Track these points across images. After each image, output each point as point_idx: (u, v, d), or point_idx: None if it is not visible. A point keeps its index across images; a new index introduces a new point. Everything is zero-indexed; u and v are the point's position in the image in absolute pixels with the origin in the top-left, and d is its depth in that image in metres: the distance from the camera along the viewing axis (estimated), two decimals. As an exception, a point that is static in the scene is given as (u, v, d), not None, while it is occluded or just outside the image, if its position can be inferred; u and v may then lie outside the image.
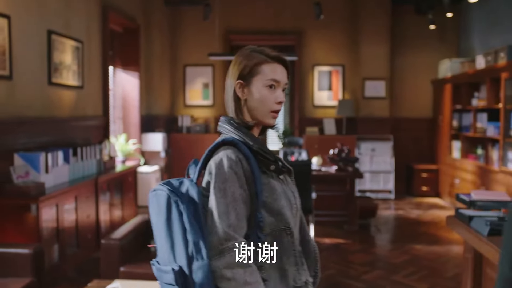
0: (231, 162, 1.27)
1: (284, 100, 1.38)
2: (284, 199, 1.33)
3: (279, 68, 1.37)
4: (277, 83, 1.36)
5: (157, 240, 1.30)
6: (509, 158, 5.14)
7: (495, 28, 6.49)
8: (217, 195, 1.24)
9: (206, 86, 8.01)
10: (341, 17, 7.85)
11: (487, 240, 2.41)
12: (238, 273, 1.19)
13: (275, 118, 1.39)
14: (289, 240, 1.32)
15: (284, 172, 1.39)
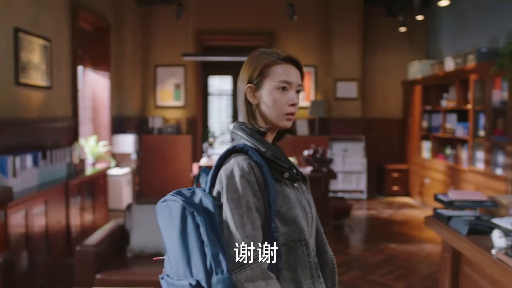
0: (243, 170, 1.21)
1: (297, 101, 1.31)
2: (299, 208, 1.28)
3: (291, 69, 1.31)
4: (289, 84, 1.30)
5: (170, 253, 1.24)
6: (477, 158, 5.27)
7: (462, 32, 6.65)
8: (231, 206, 1.19)
9: (178, 87, 7.90)
10: (314, 18, 7.89)
11: (466, 239, 2.44)
12: (260, 286, 1.14)
13: (290, 121, 1.32)
14: (304, 251, 1.26)
15: (298, 180, 1.33)
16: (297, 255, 1.25)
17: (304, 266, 1.26)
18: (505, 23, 5.48)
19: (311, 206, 1.35)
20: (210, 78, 8.32)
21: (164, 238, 1.26)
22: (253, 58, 1.33)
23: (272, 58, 1.30)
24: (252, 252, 1.16)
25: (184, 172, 7.48)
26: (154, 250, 3.24)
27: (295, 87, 1.31)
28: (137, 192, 7.19)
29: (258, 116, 1.32)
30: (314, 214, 1.35)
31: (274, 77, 1.29)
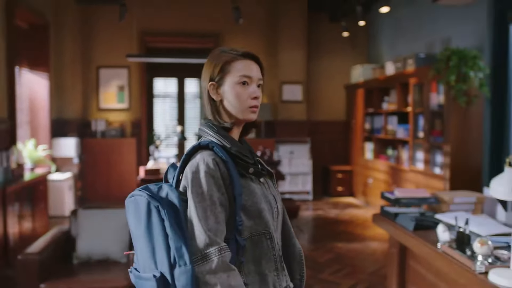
0: (208, 166, 1.24)
1: (259, 95, 1.34)
2: (264, 202, 1.31)
3: (251, 64, 1.35)
4: (250, 78, 1.33)
5: (137, 247, 1.26)
6: (417, 158, 5.53)
7: (401, 37, 6.96)
8: (195, 200, 1.22)
9: (122, 88, 7.69)
10: (260, 22, 7.96)
11: (413, 235, 2.55)
12: (221, 278, 1.17)
13: (255, 113, 1.35)
14: (268, 245, 1.30)
15: (263, 175, 1.37)
16: (262, 248, 1.28)
17: (269, 259, 1.30)
18: (440, 30, 5.79)
19: (277, 201, 1.38)
20: (155, 80, 8.16)
21: (132, 232, 1.28)
22: (213, 56, 1.37)
23: (231, 54, 1.34)
24: (214, 245, 1.18)
25: (129, 175, 7.29)
26: (103, 256, 3.13)
27: (256, 81, 1.35)
28: (79, 198, 6.92)
29: (222, 112, 1.35)
30: (279, 209, 1.38)
31: (235, 72, 1.32)
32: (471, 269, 1.97)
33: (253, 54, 1.36)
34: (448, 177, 4.79)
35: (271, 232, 1.31)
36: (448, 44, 5.51)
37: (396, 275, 2.95)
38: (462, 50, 4.59)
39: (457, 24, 5.43)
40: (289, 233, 1.44)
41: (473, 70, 4.53)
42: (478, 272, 1.93)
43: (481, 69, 4.55)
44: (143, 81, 7.76)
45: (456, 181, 4.74)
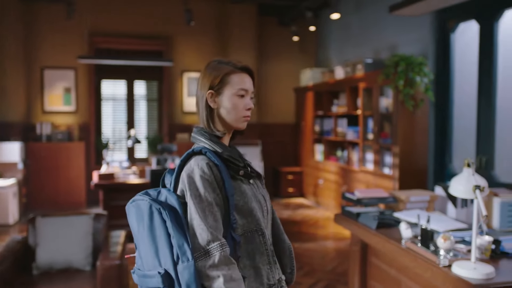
0: (202, 170, 1.35)
1: (252, 106, 1.47)
2: (254, 202, 1.42)
3: (246, 77, 1.46)
4: (246, 91, 1.45)
5: (140, 248, 1.36)
6: (367, 159, 5.77)
7: (349, 43, 7.23)
8: (194, 202, 1.32)
9: (68, 91, 7.44)
10: (210, 25, 7.98)
11: (376, 233, 2.68)
12: (223, 271, 1.27)
13: (246, 122, 1.47)
14: (261, 240, 1.41)
15: (253, 176, 1.48)
16: (255, 244, 1.39)
17: (262, 253, 1.41)
18: (386, 37, 6.09)
19: (266, 200, 1.50)
20: (103, 82, 7.95)
21: (135, 235, 1.38)
22: (212, 67, 1.47)
23: (230, 67, 1.45)
24: (216, 241, 1.28)
25: (78, 181, 7.06)
26: (65, 265, 3.04)
27: (250, 94, 1.48)
28: (24, 205, 6.61)
29: (216, 119, 1.46)
30: (269, 207, 1.51)
31: (233, 84, 1.44)
32: (436, 263, 2.11)
33: (249, 68, 1.48)
34: (397, 177, 5.04)
35: (263, 229, 1.42)
36: (394, 51, 5.81)
37: (358, 272, 3.08)
38: (409, 57, 4.86)
39: (403, 32, 5.73)
40: (278, 230, 1.56)
41: (419, 76, 4.81)
42: (442, 266, 2.08)
43: (426, 75, 4.84)
44: (91, 83, 7.54)
45: (405, 180, 5.01)
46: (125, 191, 5.22)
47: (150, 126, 8.23)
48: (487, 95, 4.44)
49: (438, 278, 2.08)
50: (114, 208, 5.19)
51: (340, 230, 5.77)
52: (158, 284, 1.29)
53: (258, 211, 1.41)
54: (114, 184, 5.13)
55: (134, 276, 1.38)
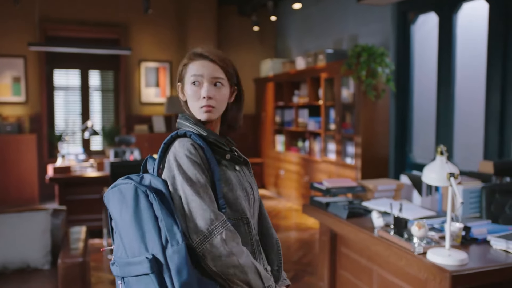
0: (189, 151, 1.29)
1: (209, 94, 1.34)
2: (240, 189, 1.35)
3: (204, 63, 1.37)
4: (201, 77, 1.36)
5: (124, 235, 1.25)
6: (329, 149, 5.80)
7: (309, 33, 7.24)
8: (187, 184, 1.25)
9: (17, 80, 7.04)
10: (169, 13, 7.77)
11: (347, 223, 2.68)
12: (233, 246, 1.23)
13: (208, 113, 1.36)
14: (246, 230, 1.35)
15: (240, 162, 1.41)
16: (240, 233, 1.31)
17: (246, 243, 1.34)
18: (347, 27, 6.12)
19: (253, 188, 1.43)
20: (56, 71, 7.59)
21: (116, 222, 1.28)
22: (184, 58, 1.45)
23: (188, 56, 1.40)
24: (219, 218, 1.23)
25: (30, 175, 6.72)
26: (21, 264, 2.85)
27: (209, 80, 1.36)
28: (-29, 201, 6.22)
29: (188, 110, 1.42)
30: (256, 196, 1.45)
31: (188, 73, 1.38)
32: (410, 251, 2.12)
33: (204, 53, 1.37)
34: (359, 167, 5.10)
35: (248, 218, 1.36)
36: (355, 41, 5.85)
37: (327, 262, 3.07)
38: (371, 47, 4.90)
39: (364, 23, 5.78)
40: (266, 222, 1.51)
41: (380, 66, 4.86)
42: (417, 253, 2.09)
43: (388, 65, 4.90)
44: (43, 72, 7.17)
45: (367, 170, 5.07)
46: (83, 184, 5.00)
47: (106, 117, 7.95)
48: (446, 86, 4.55)
49: (413, 265, 2.09)
50: (71, 202, 4.97)
51: (303, 220, 5.79)
52: (145, 270, 1.20)
53: (244, 199, 1.35)
54: (70, 178, 4.89)
55: (113, 268, 1.28)
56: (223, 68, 1.37)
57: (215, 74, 1.36)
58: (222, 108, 1.38)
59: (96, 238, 4.93)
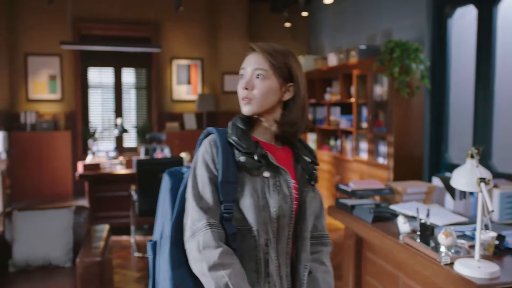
0: (205, 148, 1.30)
1: (246, 85, 1.29)
2: (255, 198, 1.24)
3: (251, 55, 1.33)
4: (244, 69, 1.33)
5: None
6: (361, 148, 5.63)
7: (342, 29, 7.05)
8: (190, 182, 1.28)
9: (53, 78, 7.20)
10: (200, 10, 7.76)
11: (372, 227, 2.55)
12: (207, 254, 1.18)
13: (246, 105, 1.30)
14: (252, 243, 1.24)
15: (259, 167, 1.27)
16: (245, 244, 1.25)
17: (250, 258, 1.24)
18: (381, 22, 5.92)
19: (285, 202, 1.28)
20: (90, 69, 7.73)
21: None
22: None
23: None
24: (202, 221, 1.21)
25: (64, 171, 6.87)
26: (44, 261, 2.87)
27: (252, 71, 1.30)
28: (9, 196, 6.41)
29: None
30: (287, 213, 1.29)
31: None
32: (436, 261, 1.98)
33: (252, 46, 1.34)
34: (392, 167, 4.91)
35: (254, 230, 1.24)
36: (389, 37, 5.65)
37: (353, 267, 2.95)
38: (404, 43, 4.70)
39: (397, 18, 5.56)
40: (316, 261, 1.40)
41: (415, 62, 4.65)
42: (444, 264, 1.95)
43: (422, 62, 4.68)
44: (77, 70, 7.31)
45: (400, 170, 4.88)
46: (112, 181, 5.05)
47: (140, 114, 8.03)
48: (485, 82, 4.30)
49: (439, 276, 1.95)
50: (101, 199, 5.02)
51: (334, 220, 5.64)
52: (148, 252, 1.32)
53: (256, 210, 1.23)
54: (99, 175, 4.95)
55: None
56: (269, 60, 1.29)
57: (258, 65, 1.29)
58: (263, 101, 1.29)
59: (124, 235, 4.97)
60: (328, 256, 1.45)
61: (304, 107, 1.36)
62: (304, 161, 1.35)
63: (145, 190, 4.32)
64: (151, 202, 4.31)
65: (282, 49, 1.33)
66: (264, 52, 1.30)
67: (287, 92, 1.32)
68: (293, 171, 1.35)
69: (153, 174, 4.33)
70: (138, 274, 3.95)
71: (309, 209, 1.34)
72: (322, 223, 1.44)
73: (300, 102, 1.34)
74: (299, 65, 1.35)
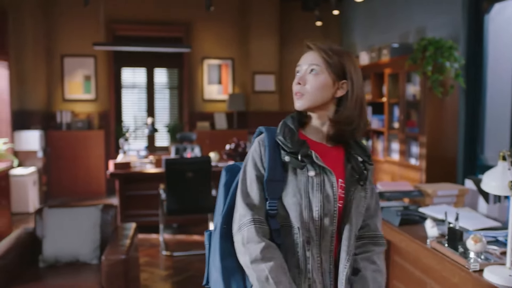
0: (254, 148, 1.35)
1: (299, 80, 1.35)
2: (295, 197, 1.27)
3: (306, 53, 1.39)
4: (299, 66, 1.38)
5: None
6: (393, 148, 5.50)
7: (374, 27, 6.92)
8: (241, 177, 1.34)
9: (88, 78, 7.38)
10: (231, 10, 7.77)
11: (399, 230, 2.47)
12: (250, 248, 1.24)
13: (298, 100, 1.36)
14: (294, 240, 1.28)
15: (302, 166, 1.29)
16: (289, 241, 1.29)
17: (292, 254, 1.29)
18: (414, 20, 5.76)
19: (329, 202, 1.29)
20: (123, 70, 7.87)
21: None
22: None
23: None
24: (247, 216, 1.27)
25: (98, 169, 7.02)
26: (71, 258, 2.93)
27: (306, 67, 1.36)
28: (45, 193, 6.61)
29: None
30: (329, 212, 1.29)
31: None
32: (465, 267, 1.90)
33: (308, 44, 1.38)
34: (424, 168, 4.77)
35: (297, 229, 1.28)
36: (423, 34, 5.49)
37: (379, 271, 2.87)
38: (438, 40, 4.55)
39: (431, 14, 5.40)
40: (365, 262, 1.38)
41: (449, 61, 4.50)
42: (473, 271, 1.86)
43: (457, 60, 4.53)
44: (111, 70, 7.46)
45: (432, 171, 4.74)
46: (141, 180, 5.12)
47: (171, 114, 8.13)
48: (524, 81, 4.12)
49: (468, 284, 1.87)
50: (130, 197, 5.10)
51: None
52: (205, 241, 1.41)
53: (297, 209, 1.27)
54: (129, 174, 5.02)
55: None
56: (323, 56, 1.33)
57: (312, 61, 1.34)
58: (315, 97, 1.32)
59: (153, 233, 5.03)
60: (381, 256, 1.43)
61: (361, 106, 1.35)
62: (356, 161, 1.34)
63: (173, 189, 4.36)
64: (179, 201, 4.35)
65: (338, 48, 1.36)
66: (319, 49, 1.34)
67: (340, 89, 1.34)
68: (343, 170, 1.35)
69: (181, 174, 4.36)
70: (165, 272, 3.99)
71: (355, 209, 1.33)
72: (376, 223, 1.43)
73: (354, 100, 1.33)
74: (354, 64, 1.36)
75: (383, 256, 1.45)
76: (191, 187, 4.38)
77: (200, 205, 4.46)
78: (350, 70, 1.33)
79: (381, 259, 1.43)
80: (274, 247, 1.25)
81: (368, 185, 1.37)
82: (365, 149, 1.38)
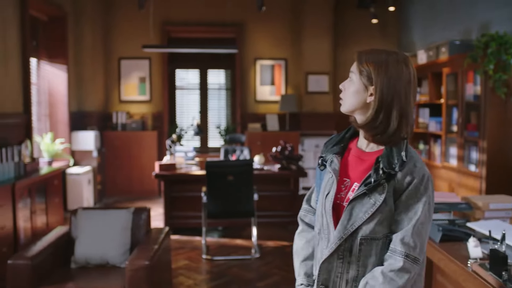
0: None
1: (340, 86, 1.44)
2: (317, 193, 1.48)
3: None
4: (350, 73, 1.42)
5: None
6: (450, 153, 5.11)
7: (434, 24, 6.49)
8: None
9: (143, 80, 7.54)
10: (284, 10, 7.63)
11: (439, 248, 2.22)
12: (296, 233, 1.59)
13: (342, 106, 1.43)
14: (316, 233, 1.46)
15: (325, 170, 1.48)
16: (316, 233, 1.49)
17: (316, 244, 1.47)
18: (478, 15, 5.32)
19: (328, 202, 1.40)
20: (177, 71, 7.98)
21: None
22: None
23: None
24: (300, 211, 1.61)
25: (151, 169, 7.15)
26: (101, 261, 2.93)
27: (350, 76, 1.41)
28: (99, 192, 6.83)
29: None
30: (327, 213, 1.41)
31: None
32: (508, 297, 1.64)
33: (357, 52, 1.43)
34: (484, 176, 4.37)
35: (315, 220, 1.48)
36: (487, 30, 5.06)
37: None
38: (501, 36, 4.15)
39: (496, 7, 4.96)
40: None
41: (514, 58, 4.09)
42: (516, 302, 1.61)
43: (523, 57, 4.10)
44: (165, 72, 7.58)
45: (493, 180, 4.33)
46: (186, 182, 5.11)
47: (225, 115, 8.12)
48: None
49: (510, 317, 1.61)
50: (175, 199, 5.11)
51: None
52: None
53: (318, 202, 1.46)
54: (174, 175, 5.03)
55: None
56: (357, 63, 1.38)
57: (352, 68, 1.41)
58: (349, 102, 1.39)
59: (197, 236, 5.00)
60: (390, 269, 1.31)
61: (389, 111, 1.33)
62: (377, 168, 1.32)
63: (213, 192, 4.30)
64: (219, 205, 4.28)
65: (378, 53, 1.36)
66: (358, 57, 1.39)
67: (371, 95, 1.36)
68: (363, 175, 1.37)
69: (222, 176, 4.29)
70: (202, 276, 3.93)
71: (356, 214, 1.33)
72: (398, 237, 1.32)
73: (377, 105, 1.33)
74: (386, 69, 1.33)
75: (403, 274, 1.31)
76: (232, 190, 4.30)
77: (240, 209, 4.36)
78: (376, 75, 1.34)
79: (388, 271, 1.31)
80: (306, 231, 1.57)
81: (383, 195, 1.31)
82: (392, 159, 1.32)
